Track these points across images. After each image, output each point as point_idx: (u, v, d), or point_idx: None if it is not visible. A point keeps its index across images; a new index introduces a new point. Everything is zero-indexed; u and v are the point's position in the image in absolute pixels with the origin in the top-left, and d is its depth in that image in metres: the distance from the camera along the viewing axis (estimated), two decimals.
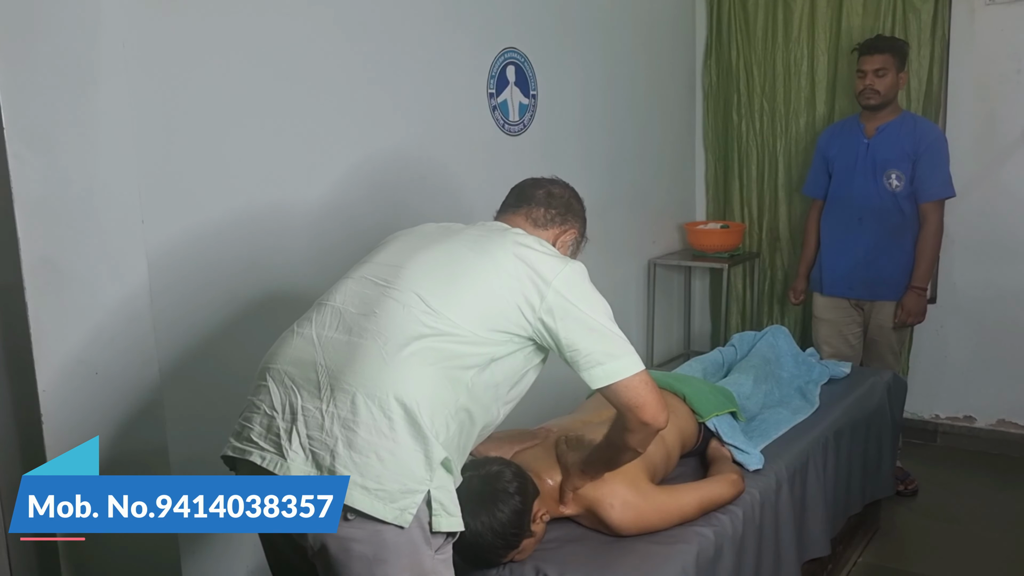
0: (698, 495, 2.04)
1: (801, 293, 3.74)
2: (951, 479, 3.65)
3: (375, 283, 1.65)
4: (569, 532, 1.97)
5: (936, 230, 3.34)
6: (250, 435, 1.57)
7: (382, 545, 1.47)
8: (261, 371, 1.64)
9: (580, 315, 1.63)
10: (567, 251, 1.88)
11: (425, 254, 1.69)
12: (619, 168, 3.84)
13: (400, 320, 1.56)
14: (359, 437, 1.48)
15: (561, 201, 1.89)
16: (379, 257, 1.74)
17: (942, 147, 3.34)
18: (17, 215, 1.79)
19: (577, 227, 1.91)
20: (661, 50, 4.12)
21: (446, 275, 1.63)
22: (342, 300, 1.65)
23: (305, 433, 1.50)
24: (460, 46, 2.91)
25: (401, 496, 1.47)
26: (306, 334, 1.63)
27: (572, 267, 1.67)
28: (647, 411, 1.67)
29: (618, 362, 1.65)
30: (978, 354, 3.88)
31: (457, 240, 1.72)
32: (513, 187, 1.95)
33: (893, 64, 3.30)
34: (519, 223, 1.84)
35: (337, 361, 1.55)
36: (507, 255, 1.65)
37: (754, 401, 2.64)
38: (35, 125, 1.81)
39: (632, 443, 1.76)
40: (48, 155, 1.84)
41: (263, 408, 1.57)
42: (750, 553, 2.10)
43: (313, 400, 1.52)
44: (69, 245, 1.89)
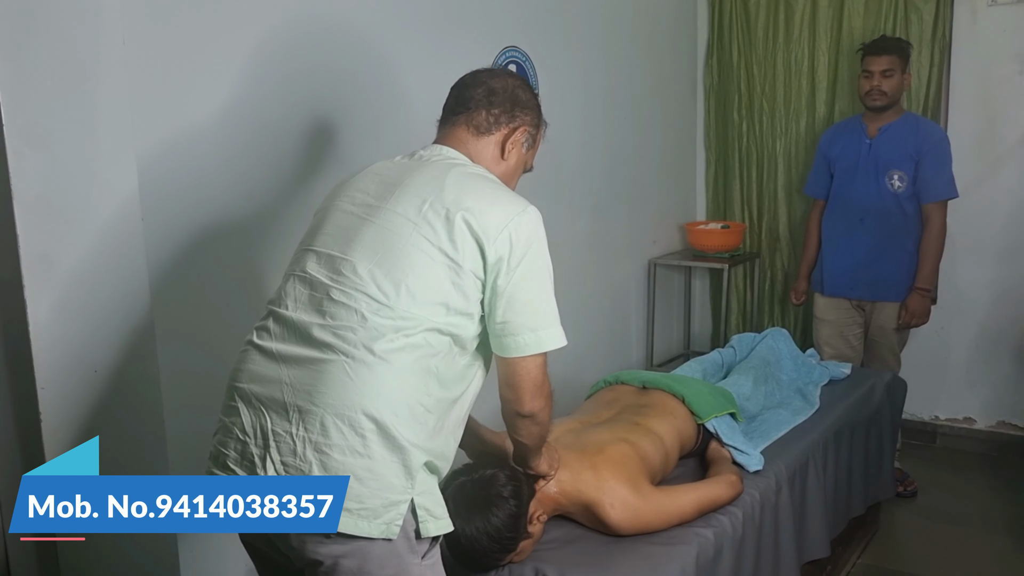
0: (697, 496, 2.04)
1: (803, 294, 3.73)
2: (951, 480, 3.64)
3: (321, 281, 1.55)
4: (568, 532, 1.97)
5: (939, 231, 3.33)
6: (226, 461, 1.54)
7: (366, 558, 1.45)
8: (229, 389, 1.59)
9: (513, 279, 1.54)
10: (520, 149, 1.75)
11: (366, 234, 1.56)
12: (619, 167, 3.84)
13: (354, 327, 1.48)
14: (333, 460, 1.44)
15: (504, 96, 1.73)
16: (320, 241, 1.61)
17: (945, 148, 3.33)
18: (16, 211, 1.79)
19: (527, 120, 1.74)
20: (662, 50, 4.11)
21: (391, 262, 1.52)
22: (294, 307, 1.56)
23: (279, 460, 1.47)
24: (461, 44, 2.90)
25: (384, 511, 1.45)
26: (266, 349, 1.56)
27: (518, 221, 1.55)
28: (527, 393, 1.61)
29: (547, 332, 1.57)
30: (978, 355, 3.88)
31: (397, 212, 1.57)
32: (453, 86, 1.79)
33: (899, 65, 3.29)
34: (461, 135, 1.71)
35: (301, 380, 1.49)
36: (449, 222, 1.52)
37: (754, 402, 2.64)
38: (34, 121, 1.81)
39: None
40: (47, 152, 1.83)
41: (235, 432, 1.53)
42: (749, 554, 2.10)
43: (283, 423, 1.48)
44: (68, 242, 1.88)
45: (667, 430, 2.22)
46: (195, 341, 2.16)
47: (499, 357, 1.59)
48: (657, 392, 2.40)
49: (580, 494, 1.94)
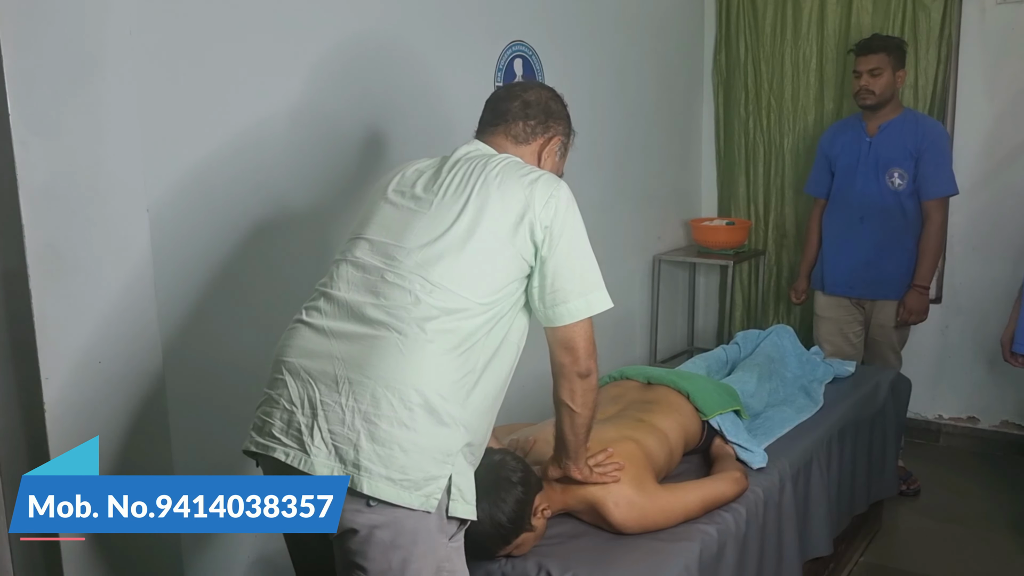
0: (701, 494, 2.03)
1: (803, 293, 3.73)
2: (953, 479, 3.64)
3: (375, 266, 1.63)
4: (572, 528, 1.97)
5: (939, 228, 3.33)
6: (271, 431, 1.57)
7: (400, 531, 1.49)
8: (276, 363, 1.64)
9: (570, 247, 1.65)
10: (555, 158, 1.86)
11: (416, 226, 1.65)
12: (625, 163, 3.83)
13: (407, 306, 1.56)
14: (381, 430, 1.49)
15: (539, 108, 1.84)
16: (371, 230, 1.70)
17: (945, 144, 3.33)
18: (22, 201, 1.78)
19: (560, 129, 1.87)
20: (669, 46, 4.10)
21: (442, 247, 1.61)
22: (347, 289, 1.64)
23: (327, 428, 1.51)
24: (467, 38, 2.90)
25: (425, 483, 1.49)
26: (317, 325, 1.62)
27: (557, 197, 1.65)
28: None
29: (595, 296, 1.68)
30: (982, 355, 3.87)
31: (445, 201, 1.67)
32: (487, 100, 1.89)
33: (889, 63, 3.27)
34: (499, 143, 1.81)
35: (353, 355, 1.55)
36: (498, 204, 1.63)
37: (758, 399, 2.64)
38: (41, 111, 1.80)
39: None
40: (54, 142, 1.83)
41: (282, 403, 1.57)
42: (753, 551, 2.10)
43: (332, 394, 1.53)
44: (74, 232, 1.88)
45: (672, 427, 2.22)
46: (199, 332, 2.16)
47: (552, 327, 1.68)
48: (662, 388, 2.40)
49: (585, 492, 1.93)
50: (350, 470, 1.48)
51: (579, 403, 1.76)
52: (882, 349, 3.47)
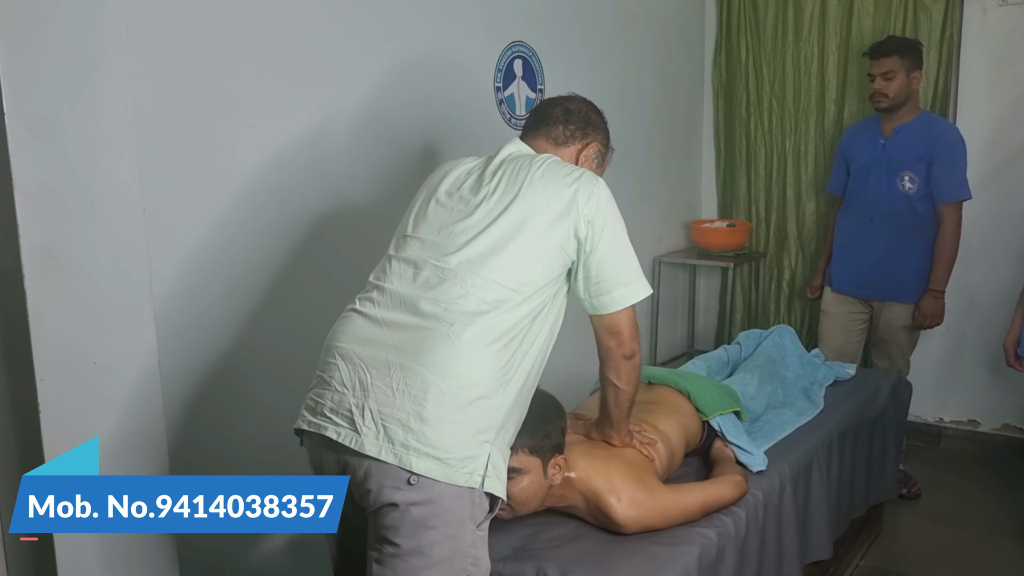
0: (702, 495, 2.03)
1: (817, 289, 3.74)
2: (954, 483, 3.63)
3: (427, 261, 1.71)
4: (571, 531, 1.96)
5: (953, 232, 3.30)
6: (323, 410, 1.63)
7: (434, 511, 1.55)
8: (328, 348, 1.71)
9: (611, 239, 1.76)
10: (591, 164, 1.96)
11: (466, 224, 1.74)
12: (625, 165, 3.80)
13: (458, 299, 1.64)
14: (430, 412, 1.55)
15: (579, 116, 1.96)
16: (423, 230, 1.79)
17: (958, 148, 3.29)
18: (17, 201, 1.77)
19: (599, 139, 1.99)
20: (670, 47, 4.09)
21: (490, 243, 1.69)
22: (399, 283, 1.71)
23: (377, 409, 1.57)
24: (467, 39, 2.89)
25: (469, 461, 1.57)
26: (370, 315, 1.70)
27: (598, 193, 1.75)
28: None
29: (636, 285, 1.79)
30: (984, 358, 3.86)
31: (492, 200, 1.76)
32: (531, 109, 2.02)
33: (902, 66, 3.25)
34: (540, 145, 1.92)
35: (405, 343, 1.62)
36: (537, 197, 1.73)
37: (759, 401, 2.63)
38: (37, 111, 1.79)
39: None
40: (49, 141, 1.81)
41: (333, 384, 1.64)
42: (752, 555, 2.09)
43: (383, 378, 1.59)
44: (69, 233, 1.87)
45: (673, 428, 2.21)
46: (196, 333, 2.15)
47: (597, 314, 1.80)
48: (663, 388, 2.39)
49: (589, 482, 1.93)
50: (398, 449, 1.54)
51: (624, 381, 1.90)
52: (890, 350, 3.46)
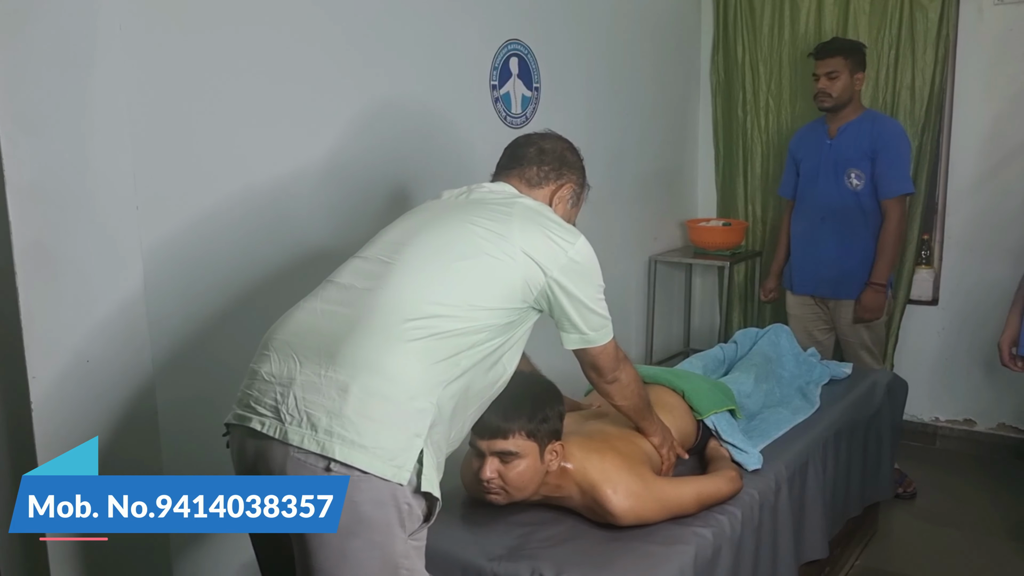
0: (697, 488, 2.03)
1: (771, 291, 3.77)
2: (950, 483, 3.63)
3: (380, 260, 1.68)
4: (566, 531, 1.95)
5: (896, 227, 3.34)
6: (248, 402, 1.58)
7: (356, 519, 1.46)
8: (264, 342, 1.66)
9: (574, 298, 1.74)
10: (566, 205, 1.92)
11: (429, 233, 1.72)
12: (622, 163, 3.81)
13: (402, 296, 1.60)
14: (356, 399, 1.49)
15: (553, 156, 1.91)
16: (386, 236, 1.77)
17: (900, 143, 3.34)
18: (9, 198, 1.76)
19: (574, 179, 1.93)
20: (666, 46, 4.09)
21: (453, 253, 1.67)
22: (348, 277, 1.69)
23: (302, 396, 1.51)
24: (463, 37, 2.88)
25: (399, 453, 1.49)
26: (309, 307, 1.67)
27: (576, 248, 1.73)
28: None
29: (597, 333, 1.81)
30: (979, 357, 3.86)
31: (465, 219, 1.73)
32: (506, 147, 1.96)
33: (846, 66, 3.31)
34: (514, 186, 1.88)
35: (338, 331, 1.57)
36: (510, 236, 1.68)
37: (754, 400, 2.62)
38: (29, 107, 1.78)
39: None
40: (42, 138, 1.81)
41: (261, 374, 1.59)
42: (748, 555, 2.08)
43: (311, 365, 1.54)
44: (62, 230, 1.86)
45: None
46: (189, 331, 2.14)
47: (573, 349, 1.83)
48: (657, 387, 2.38)
49: (585, 472, 1.93)
50: (322, 437, 1.47)
51: (619, 398, 1.96)
52: (853, 349, 3.48)
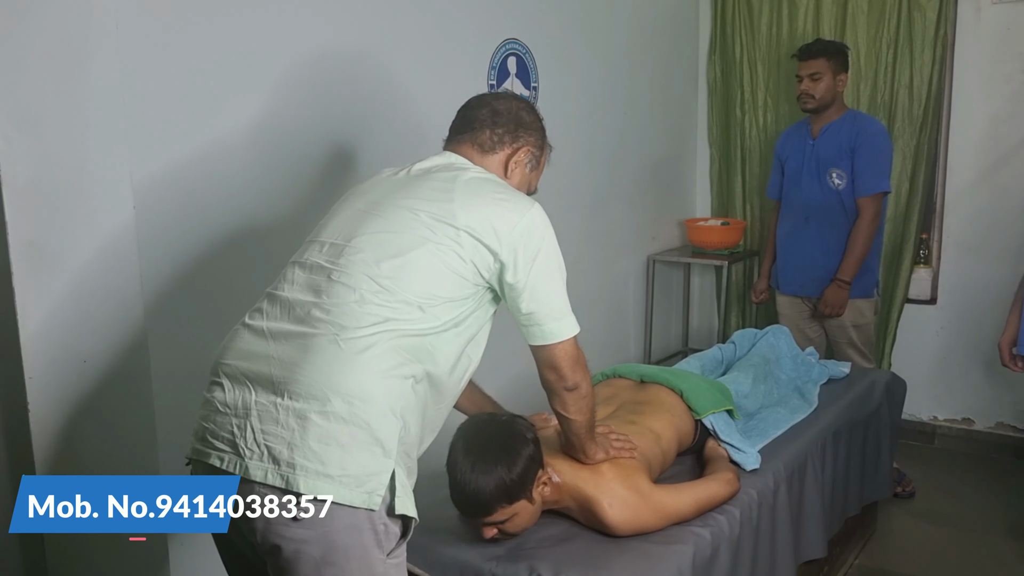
0: (694, 494, 2.02)
1: (761, 293, 3.78)
2: (949, 482, 3.63)
3: (322, 265, 1.58)
4: (564, 531, 1.94)
5: (868, 225, 3.34)
6: (205, 435, 1.51)
7: (331, 547, 1.41)
8: (214, 367, 1.57)
9: (527, 279, 1.61)
10: (524, 170, 1.80)
11: (368, 228, 1.60)
12: (620, 163, 3.81)
13: (351, 306, 1.50)
14: (316, 426, 1.42)
15: (508, 117, 1.78)
16: (325, 233, 1.66)
17: (879, 142, 3.35)
18: (5, 197, 1.76)
19: (532, 140, 1.80)
20: (664, 45, 4.09)
21: (395, 248, 1.56)
22: (290, 289, 1.58)
23: (259, 427, 1.44)
24: (461, 36, 2.88)
25: (367, 479, 1.42)
26: (256, 327, 1.56)
27: (527, 221, 1.61)
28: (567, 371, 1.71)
29: (557, 324, 1.66)
30: (978, 357, 3.86)
31: (404, 207, 1.62)
32: (459, 108, 1.84)
33: (828, 68, 3.33)
34: (466, 152, 1.76)
35: (290, 355, 1.48)
36: (456, 228, 1.57)
37: (752, 400, 2.62)
38: (25, 106, 1.78)
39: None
40: (38, 137, 1.80)
41: (215, 405, 1.51)
42: (746, 554, 2.08)
43: (266, 394, 1.46)
44: (58, 229, 1.85)
45: (665, 428, 2.20)
46: (186, 330, 2.13)
47: (533, 345, 1.69)
48: (655, 387, 2.38)
49: (579, 490, 1.91)
50: (284, 470, 1.40)
51: (572, 411, 1.80)
52: (841, 348, 3.49)
